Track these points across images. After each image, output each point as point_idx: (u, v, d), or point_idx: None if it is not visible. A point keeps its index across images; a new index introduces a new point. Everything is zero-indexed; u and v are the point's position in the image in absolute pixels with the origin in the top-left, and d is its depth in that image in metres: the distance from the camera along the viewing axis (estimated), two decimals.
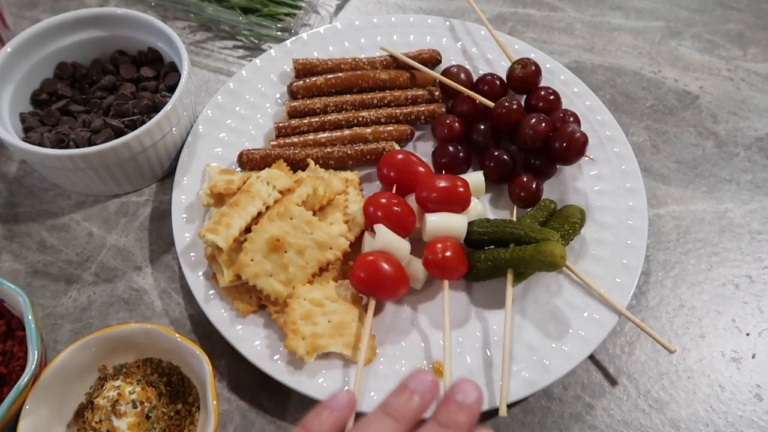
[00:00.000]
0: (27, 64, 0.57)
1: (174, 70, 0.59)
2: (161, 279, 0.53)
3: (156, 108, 0.56)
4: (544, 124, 0.55)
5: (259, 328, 0.48)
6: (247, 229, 0.49)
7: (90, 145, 0.52)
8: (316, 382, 0.46)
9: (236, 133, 0.59)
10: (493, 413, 0.46)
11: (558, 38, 0.72)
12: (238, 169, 0.57)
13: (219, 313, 0.48)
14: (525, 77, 0.60)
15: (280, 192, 0.51)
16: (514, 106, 0.57)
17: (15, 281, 0.51)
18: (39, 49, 0.58)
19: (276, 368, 0.46)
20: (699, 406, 0.49)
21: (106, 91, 0.59)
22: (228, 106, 0.60)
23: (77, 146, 0.52)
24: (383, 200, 0.52)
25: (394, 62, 0.63)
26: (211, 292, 0.49)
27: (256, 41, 0.69)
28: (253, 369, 0.47)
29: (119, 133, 0.53)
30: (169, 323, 0.51)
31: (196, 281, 0.50)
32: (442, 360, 0.48)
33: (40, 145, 0.52)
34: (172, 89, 0.58)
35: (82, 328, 0.50)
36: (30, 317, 0.43)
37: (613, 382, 0.50)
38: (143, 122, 0.54)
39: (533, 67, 0.59)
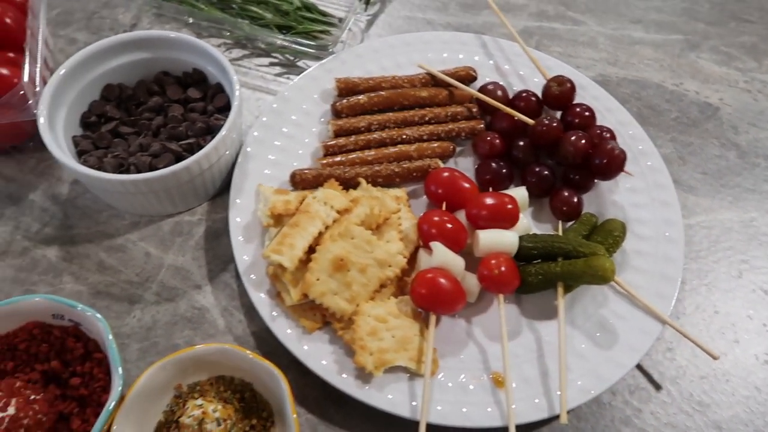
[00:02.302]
0: (77, 87, 0.58)
1: (221, 92, 0.60)
2: (221, 297, 0.55)
3: (210, 130, 0.57)
4: (584, 141, 0.58)
5: (325, 345, 0.50)
6: (309, 249, 0.51)
7: (151, 169, 0.53)
8: (384, 395, 0.48)
9: (284, 152, 0.60)
10: (552, 420, 0.49)
11: (583, 52, 0.75)
12: (290, 188, 0.58)
13: (285, 331, 0.50)
14: (561, 94, 0.62)
15: (338, 212, 0.53)
16: (554, 124, 0.59)
17: (80, 301, 0.52)
18: (87, 72, 0.59)
19: (345, 383, 0.48)
20: (739, 408, 0.52)
21: (154, 112, 0.60)
22: (274, 126, 0.61)
23: (138, 171, 0.54)
24: (436, 218, 0.54)
25: (432, 80, 0.65)
26: (275, 311, 0.51)
27: (292, 58, 0.71)
28: (318, 383, 0.49)
29: (178, 157, 0.54)
30: (233, 340, 0.53)
31: (261, 300, 0.52)
32: (500, 371, 0.50)
33: (100, 169, 0.53)
34: (221, 110, 0.59)
35: (149, 347, 0.52)
36: (111, 340, 0.45)
37: (658, 386, 0.53)
38: (199, 145, 0.55)
39: (569, 85, 0.62)
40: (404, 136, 0.61)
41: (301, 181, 0.57)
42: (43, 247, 0.56)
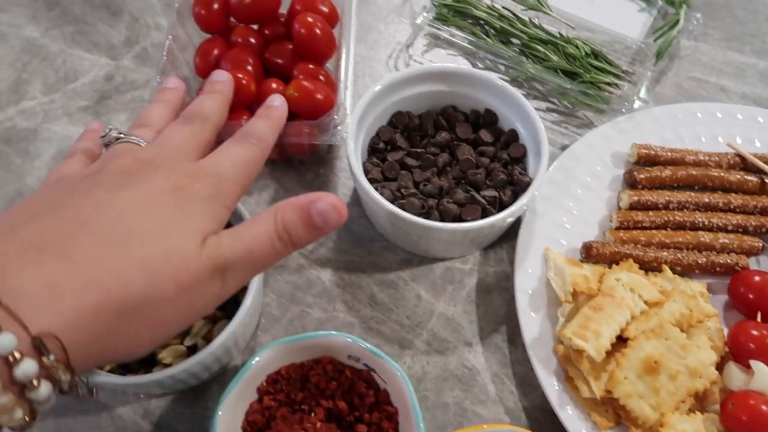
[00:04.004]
0: (373, 114, 0.57)
1: (515, 140, 0.57)
2: (492, 361, 0.52)
3: (512, 183, 0.54)
4: None
5: None
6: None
7: (457, 220, 0.51)
8: None
9: (572, 216, 0.56)
10: None
11: None
12: (578, 257, 0.54)
13: (576, 423, 0.46)
14: None
15: (646, 303, 0.49)
16: None
17: (351, 333, 0.51)
18: (384, 100, 0.57)
19: None
20: None
21: (439, 147, 0.58)
22: (563, 184, 0.57)
23: (442, 218, 0.51)
24: (755, 332, 0.48)
25: (741, 163, 0.58)
26: (563, 397, 0.47)
27: (570, 107, 0.66)
28: None
29: (483, 209, 0.51)
30: (505, 413, 0.50)
31: (548, 383, 0.48)
32: None
33: (401, 207, 0.51)
34: (516, 161, 0.56)
35: (420, 400, 0.50)
36: (413, 397, 0.43)
37: None
38: (501, 199, 0.52)
39: None
40: (707, 222, 0.55)
41: (597, 255, 0.53)
42: (317, 268, 0.55)
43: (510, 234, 0.56)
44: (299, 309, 0.53)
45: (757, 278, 0.51)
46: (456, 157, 0.57)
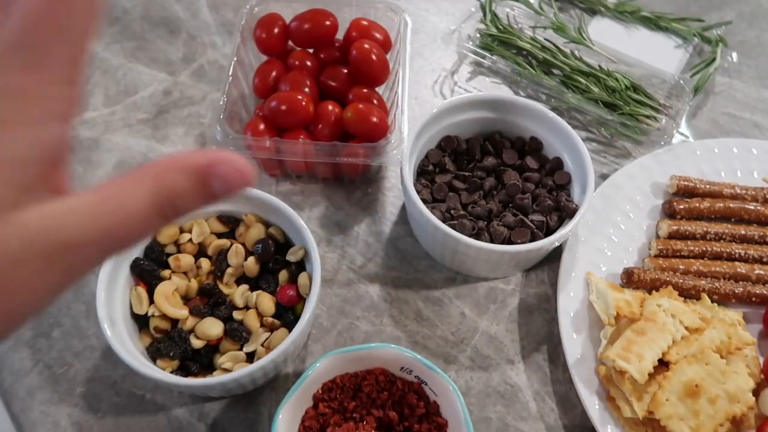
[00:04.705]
0: (424, 138, 0.59)
1: (560, 168, 0.59)
2: (534, 379, 0.54)
3: (558, 209, 0.56)
4: None
5: None
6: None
7: (506, 242, 0.53)
8: None
9: (613, 243, 0.58)
10: None
11: None
12: (619, 282, 0.56)
13: None
14: None
15: (686, 328, 0.51)
16: None
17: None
18: (435, 125, 0.60)
19: None
20: None
21: (485, 172, 0.60)
22: (604, 212, 0.60)
23: (491, 239, 0.54)
24: None
25: None
26: (604, 416, 0.49)
27: (608, 137, 0.69)
28: None
29: (533, 234, 0.54)
30: (545, 429, 0.51)
31: (591, 402, 0.50)
32: None
33: (452, 228, 0.53)
34: (561, 188, 0.58)
35: None
36: (465, 409, 0.45)
37: None
38: (546, 224, 0.55)
39: None
40: (743, 254, 0.57)
41: (638, 281, 0.55)
42: (366, 283, 0.58)
43: (550, 257, 0.59)
44: (348, 321, 0.56)
45: None
46: (502, 182, 0.59)
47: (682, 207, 0.59)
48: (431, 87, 0.72)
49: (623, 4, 0.79)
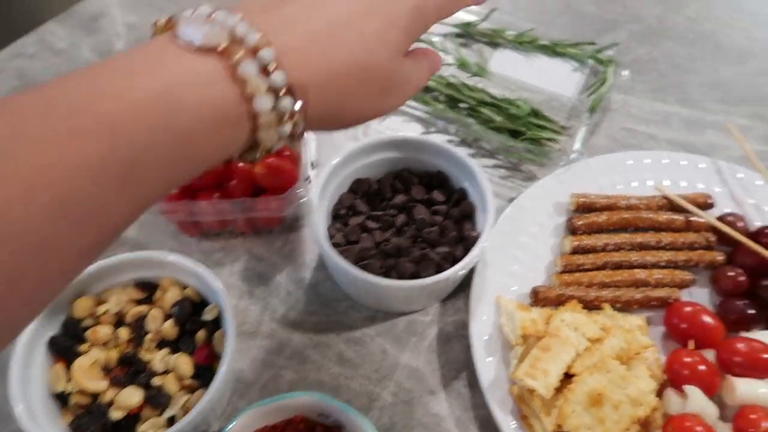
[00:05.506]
0: (335, 182, 0.62)
1: (464, 198, 0.62)
2: (455, 406, 0.55)
3: (462, 239, 0.59)
4: None
5: None
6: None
7: (414, 277, 0.55)
8: None
9: (521, 263, 0.61)
10: None
11: None
12: (528, 301, 0.59)
13: None
14: None
15: (589, 340, 0.53)
16: None
17: (321, 391, 0.55)
18: (344, 169, 0.63)
19: None
20: None
21: (397, 209, 0.63)
22: (510, 234, 0.63)
23: (401, 276, 0.56)
24: (688, 359, 0.53)
25: (668, 204, 0.64)
26: None
27: (515, 161, 0.72)
28: None
29: (438, 265, 0.56)
30: None
31: (506, 422, 0.52)
32: None
33: (364, 269, 0.56)
34: (465, 218, 0.61)
35: None
36: None
37: None
38: (453, 255, 0.57)
39: None
40: (641, 261, 0.61)
41: (544, 299, 0.57)
42: (289, 331, 0.59)
43: (466, 284, 0.61)
44: (272, 372, 0.57)
45: (688, 309, 0.56)
46: (413, 217, 0.62)
47: (581, 223, 0.62)
48: (344, 132, 0.75)
49: (522, 35, 0.84)
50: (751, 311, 0.57)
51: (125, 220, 0.28)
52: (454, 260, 0.58)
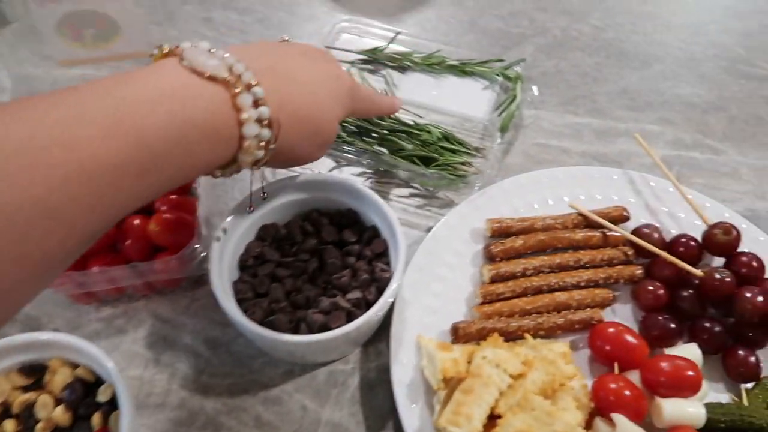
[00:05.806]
0: (238, 232, 0.58)
1: (377, 236, 0.60)
2: None
3: (375, 280, 0.56)
4: (761, 299, 0.55)
5: None
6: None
7: (324, 329, 0.52)
8: None
9: (440, 297, 0.59)
10: None
11: (726, 184, 0.72)
12: (449, 338, 0.56)
13: None
14: (727, 243, 0.59)
15: (511, 376, 0.51)
16: (728, 279, 0.56)
17: None
18: (247, 216, 0.59)
19: None
20: None
21: (308, 254, 0.60)
22: (427, 267, 0.60)
23: (310, 330, 0.53)
24: (613, 385, 0.51)
25: (584, 220, 0.63)
26: None
27: (431, 189, 0.70)
28: None
29: (348, 313, 0.53)
30: None
31: None
32: None
33: (268, 324, 0.52)
34: (379, 257, 0.59)
35: None
36: None
37: None
38: (366, 299, 0.54)
39: (735, 233, 0.59)
40: (561, 283, 0.59)
41: (464, 335, 0.55)
42: (200, 398, 0.55)
43: (388, 324, 0.58)
44: None
45: (611, 330, 0.55)
46: (324, 261, 0.59)
47: (498, 249, 0.61)
48: (248, 176, 0.71)
49: (429, 57, 0.82)
50: (673, 325, 0.57)
51: (124, 214, 0.34)
52: (368, 305, 0.55)
